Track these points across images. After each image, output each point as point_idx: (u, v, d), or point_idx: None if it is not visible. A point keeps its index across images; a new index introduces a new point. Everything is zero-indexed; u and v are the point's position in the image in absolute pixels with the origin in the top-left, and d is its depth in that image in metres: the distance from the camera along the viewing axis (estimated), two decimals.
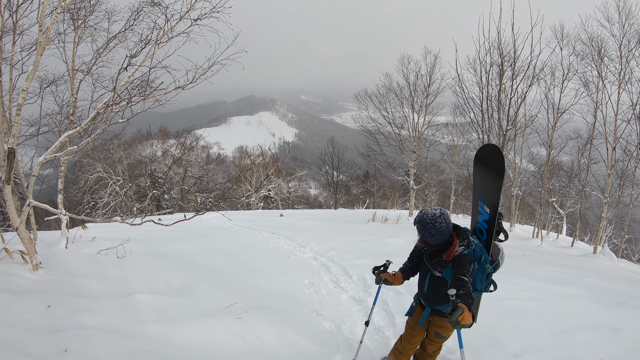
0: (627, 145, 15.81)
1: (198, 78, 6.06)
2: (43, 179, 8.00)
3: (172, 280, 5.99)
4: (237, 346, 4.21)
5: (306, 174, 51.14)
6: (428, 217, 3.06)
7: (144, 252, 7.29)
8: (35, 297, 4.42)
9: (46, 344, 3.48)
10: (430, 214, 3.08)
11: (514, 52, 14.87)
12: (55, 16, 4.99)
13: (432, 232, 3.04)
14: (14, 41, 5.84)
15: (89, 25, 7.40)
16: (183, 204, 30.79)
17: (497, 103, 15.69)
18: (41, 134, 7.14)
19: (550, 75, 17.09)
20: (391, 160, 21.83)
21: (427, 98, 20.03)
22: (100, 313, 4.36)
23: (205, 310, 4.93)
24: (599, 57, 15.22)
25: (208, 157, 49.39)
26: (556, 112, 17.47)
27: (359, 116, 22.36)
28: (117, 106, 5.57)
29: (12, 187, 4.91)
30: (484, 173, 3.76)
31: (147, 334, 4.11)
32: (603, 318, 5.32)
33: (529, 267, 8.50)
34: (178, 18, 5.96)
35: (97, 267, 6.00)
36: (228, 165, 51.12)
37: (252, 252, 8.90)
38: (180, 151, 33.65)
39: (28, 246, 5.06)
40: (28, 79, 4.82)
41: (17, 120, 4.79)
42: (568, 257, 11.58)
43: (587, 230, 31.63)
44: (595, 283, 7.25)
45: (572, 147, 18.86)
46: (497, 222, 3.52)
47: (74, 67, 7.29)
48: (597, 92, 15.72)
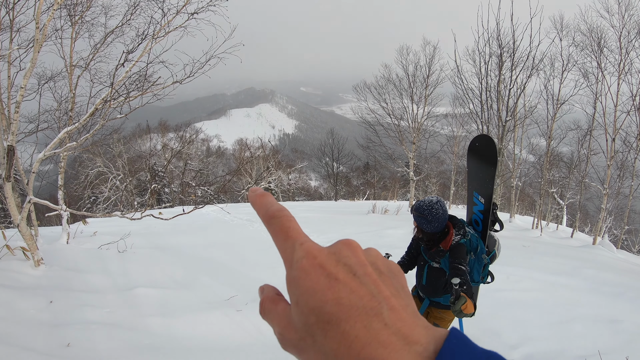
0: (626, 136, 15.81)
1: (196, 72, 6.07)
2: (43, 175, 8.02)
3: (172, 273, 6.03)
4: (237, 338, 4.26)
5: (306, 165, 51.13)
6: (425, 204, 3.12)
7: (145, 246, 7.33)
8: (37, 292, 4.46)
9: (49, 339, 3.52)
10: (427, 201, 3.14)
11: (513, 43, 14.85)
12: (52, 13, 4.98)
13: (428, 219, 3.07)
14: (12, 38, 5.83)
15: (86, 21, 7.38)
16: (183, 197, 30.84)
17: (497, 94, 15.67)
18: (40, 131, 7.15)
19: (550, 66, 17.04)
20: (391, 152, 21.83)
21: (426, 89, 19.97)
22: (102, 307, 4.41)
23: (206, 303, 4.98)
24: (599, 48, 15.17)
25: (208, 150, 49.33)
26: (556, 103, 17.42)
27: (358, 107, 22.33)
28: (115, 102, 5.57)
29: (12, 184, 4.93)
30: (477, 163, 3.78)
31: (149, 327, 4.16)
32: (601, 309, 5.36)
33: (528, 258, 8.55)
34: (175, 12, 5.95)
35: (98, 261, 6.04)
36: (228, 158, 51.06)
37: (253, 244, 8.94)
38: (179, 144, 33.64)
39: (29, 242, 5.10)
40: (26, 76, 4.83)
41: (16, 118, 4.80)
42: (567, 248, 11.63)
43: (587, 221, 31.67)
44: (594, 274, 7.29)
45: (571, 138, 18.83)
46: (492, 212, 3.55)
47: (71, 63, 7.28)
48: (597, 83, 15.69)
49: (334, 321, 0.33)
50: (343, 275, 0.36)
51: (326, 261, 0.37)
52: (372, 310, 0.34)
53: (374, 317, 0.33)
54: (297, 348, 0.36)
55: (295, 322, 0.36)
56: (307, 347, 0.35)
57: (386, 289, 0.36)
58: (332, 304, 0.34)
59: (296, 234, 0.40)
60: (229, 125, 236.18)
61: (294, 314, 0.37)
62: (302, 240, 0.39)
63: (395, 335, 0.33)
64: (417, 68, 19.97)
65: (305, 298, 0.35)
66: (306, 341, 0.35)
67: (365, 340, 0.32)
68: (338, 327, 0.33)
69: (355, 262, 0.37)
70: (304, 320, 0.35)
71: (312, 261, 0.36)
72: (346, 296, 0.34)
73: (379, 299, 0.35)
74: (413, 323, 0.34)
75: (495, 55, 15.85)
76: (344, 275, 0.36)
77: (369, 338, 0.32)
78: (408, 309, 0.36)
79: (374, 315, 0.34)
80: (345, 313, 0.33)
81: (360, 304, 0.34)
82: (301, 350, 0.36)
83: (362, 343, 0.32)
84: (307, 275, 0.36)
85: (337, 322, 0.33)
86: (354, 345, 0.32)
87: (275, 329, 0.39)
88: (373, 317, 0.33)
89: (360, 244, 0.40)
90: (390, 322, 0.34)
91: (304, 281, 0.36)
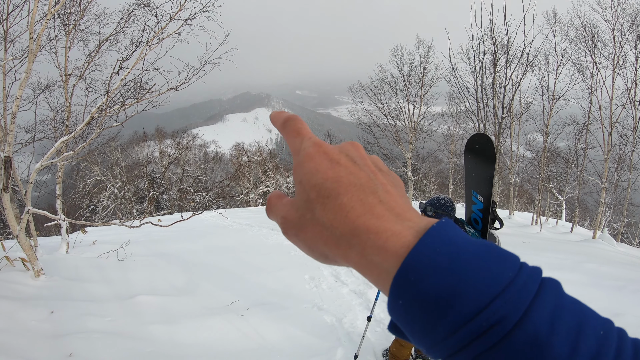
0: (623, 129, 15.87)
1: (190, 78, 6.08)
2: (41, 185, 8.01)
3: (173, 280, 6.02)
4: (239, 343, 4.25)
5: None
6: (440, 197, 3.27)
7: (145, 254, 7.31)
8: (38, 303, 4.44)
9: (51, 350, 3.51)
10: (442, 196, 3.29)
11: (507, 40, 14.87)
12: (46, 23, 4.98)
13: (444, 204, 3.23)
14: (6, 49, 5.82)
15: (80, 30, 7.38)
16: (182, 204, 30.79)
17: (492, 91, 15.70)
18: (37, 141, 7.13)
19: (544, 61, 17.13)
20: (388, 152, 21.85)
21: (421, 88, 20.03)
22: (103, 316, 4.40)
23: (207, 309, 4.97)
24: (592, 43, 15.24)
25: (205, 155, 49.27)
26: (551, 98, 17.49)
27: (355, 109, 22.37)
28: (111, 110, 5.57)
29: (10, 195, 4.92)
30: (475, 162, 3.77)
31: (151, 335, 4.15)
32: (603, 303, 5.36)
33: (528, 255, 8.54)
34: (168, 19, 5.96)
35: (98, 270, 6.02)
36: (226, 163, 50.99)
37: (252, 249, 8.92)
38: (177, 151, 33.60)
39: (29, 253, 5.08)
40: (21, 87, 4.82)
41: (12, 129, 4.79)
42: (567, 243, 11.64)
43: (587, 215, 31.74)
44: (595, 268, 7.29)
45: (568, 133, 18.92)
46: (492, 210, 3.55)
47: (66, 72, 7.27)
48: (592, 77, 15.76)
49: (333, 195, 0.36)
50: (344, 161, 0.39)
51: (330, 150, 0.40)
52: (369, 188, 0.36)
53: (370, 194, 0.36)
54: (297, 227, 0.38)
55: (297, 202, 0.39)
56: (306, 222, 0.38)
57: (383, 179, 0.39)
58: (332, 181, 0.36)
59: (306, 132, 0.43)
60: (225, 130, 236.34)
61: (296, 194, 0.39)
62: (310, 136, 0.42)
63: (388, 211, 0.35)
64: (412, 68, 20.06)
65: (308, 177, 0.38)
66: (306, 217, 0.37)
67: (361, 211, 0.35)
68: (336, 199, 0.36)
69: (357, 155, 0.40)
70: (306, 197, 0.38)
71: (317, 148, 0.40)
72: (345, 175, 0.37)
73: (376, 182, 0.37)
74: (407, 208, 0.37)
75: (489, 52, 15.90)
76: (345, 161, 0.39)
77: (364, 210, 0.35)
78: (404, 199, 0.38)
79: (370, 192, 0.36)
80: (344, 188, 0.36)
81: (358, 183, 0.37)
82: (300, 228, 0.38)
83: (357, 213, 0.35)
84: (312, 159, 0.39)
85: (336, 196, 0.36)
86: (350, 215, 0.35)
87: (279, 218, 0.41)
88: (369, 193, 0.36)
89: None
90: (385, 200, 0.36)
91: (308, 164, 0.39)
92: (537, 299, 0.30)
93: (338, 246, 0.35)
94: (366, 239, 0.34)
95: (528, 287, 0.30)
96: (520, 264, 0.32)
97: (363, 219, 0.34)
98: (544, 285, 0.31)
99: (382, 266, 0.33)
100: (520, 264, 0.32)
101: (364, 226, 0.34)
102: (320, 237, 0.36)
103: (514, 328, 0.29)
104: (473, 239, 0.33)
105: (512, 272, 0.31)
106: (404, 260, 0.32)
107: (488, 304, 0.29)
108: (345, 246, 0.35)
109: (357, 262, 0.35)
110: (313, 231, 0.37)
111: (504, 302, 0.29)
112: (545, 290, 0.31)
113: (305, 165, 0.39)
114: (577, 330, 0.29)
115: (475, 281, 0.30)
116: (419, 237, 0.33)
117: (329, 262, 0.38)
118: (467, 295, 0.30)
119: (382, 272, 0.34)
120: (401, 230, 0.34)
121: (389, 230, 0.34)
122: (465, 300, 0.29)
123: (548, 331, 0.29)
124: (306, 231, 0.38)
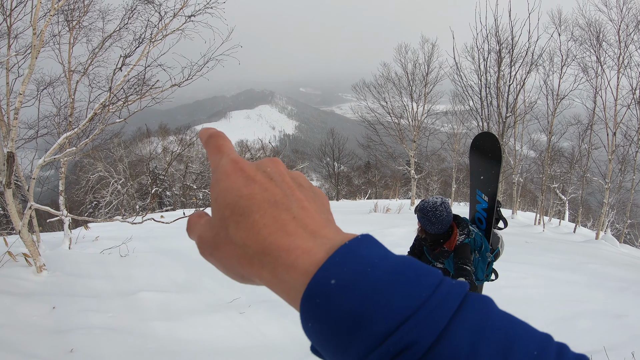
0: (627, 130, 15.78)
1: (194, 75, 6.07)
2: (44, 181, 8.04)
3: (175, 276, 6.02)
4: (240, 340, 4.26)
5: (307, 166, 51.05)
6: (429, 206, 3.06)
7: (147, 250, 7.33)
8: (40, 298, 4.46)
9: (52, 345, 3.52)
10: (431, 202, 3.08)
11: (512, 39, 14.81)
12: (49, 18, 4.98)
13: (432, 221, 3.04)
14: (9, 45, 5.83)
15: (84, 26, 7.39)
16: (185, 200, 30.85)
17: (496, 90, 15.64)
18: (40, 137, 7.15)
19: (549, 61, 17.02)
20: (391, 150, 21.82)
21: (425, 87, 19.98)
22: (105, 312, 4.41)
23: (209, 306, 4.97)
24: (598, 42, 15.14)
25: None
26: (556, 98, 17.38)
27: (358, 107, 22.35)
28: (114, 106, 5.57)
29: (13, 191, 4.93)
30: (480, 161, 3.74)
31: (152, 332, 4.16)
32: (606, 305, 5.34)
33: (531, 255, 8.52)
34: (172, 15, 5.95)
35: (100, 266, 6.04)
36: None
37: None
38: (180, 147, 33.63)
39: (31, 249, 5.09)
40: (24, 82, 4.82)
41: (15, 124, 4.80)
42: (570, 244, 11.61)
43: (590, 215, 31.61)
44: (597, 269, 7.27)
45: (572, 133, 18.80)
46: (496, 210, 3.52)
47: (70, 68, 7.28)
48: (596, 77, 15.66)
49: (246, 213, 0.35)
50: (260, 177, 0.38)
51: (247, 167, 0.39)
52: (283, 205, 0.36)
53: (283, 211, 0.35)
54: (212, 246, 0.38)
55: (212, 220, 0.38)
56: (220, 241, 0.37)
57: (301, 195, 0.38)
58: (246, 199, 0.36)
59: (227, 149, 0.42)
60: (229, 127, 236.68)
61: (212, 212, 0.39)
62: (230, 152, 0.41)
63: (302, 228, 0.34)
64: (416, 66, 19.99)
65: (223, 194, 0.37)
66: (220, 235, 0.37)
67: (273, 229, 0.34)
68: (249, 217, 0.35)
69: (275, 171, 0.39)
70: (220, 215, 0.37)
71: (234, 165, 0.38)
72: (260, 192, 0.36)
73: (291, 199, 0.37)
74: (324, 225, 0.36)
75: (494, 51, 15.84)
76: (261, 177, 0.38)
77: (276, 227, 0.34)
78: (323, 216, 0.38)
79: (284, 209, 0.35)
80: (257, 206, 0.35)
81: (272, 199, 0.36)
82: (216, 247, 0.37)
83: (269, 231, 0.34)
84: (228, 177, 0.38)
85: (249, 214, 0.35)
86: (261, 232, 0.34)
87: (195, 237, 0.40)
88: (283, 210, 0.35)
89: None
90: (299, 216, 0.35)
91: (224, 181, 0.38)
92: (455, 318, 0.28)
93: (251, 265, 0.35)
94: (277, 257, 0.33)
95: (445, 306, 0.29)
96: (440, 280, 0.30)
97: (274, 236, 0.34)
98: (466, 303, 0.30)
99: (292, 285, 0.33)
100: (440, 280, 0.30)
101: (275, 244, 0.33)
102: (234, 256, 0.36)
103: (427, 352, 0.27)
104: (393, 254, 0.32)
105: (428, 290, 0.29)
106: (310, 280, 0.31)
107: (397, 327, 0.28)
108: (258, 265, 0.34)
109: (269, 281, 0.34)
110: (227, 250, 0.36)
111: (416, 324, 0.27)
112: (467, 308, 0.29)
113: (221, 182, 0.38)
114: (504, 351, 0.28)
115: (385, 302, 0.28)
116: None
117: (245, 281, 0.38)
118: (375, 318, 0.28)
119: (291, 291, 0.33)
120: (312, 248, 0.33)
121: (299, 247, 0.33)
122: (374, 323, 0.28)
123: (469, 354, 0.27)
124: (220, 250, 0.37)
